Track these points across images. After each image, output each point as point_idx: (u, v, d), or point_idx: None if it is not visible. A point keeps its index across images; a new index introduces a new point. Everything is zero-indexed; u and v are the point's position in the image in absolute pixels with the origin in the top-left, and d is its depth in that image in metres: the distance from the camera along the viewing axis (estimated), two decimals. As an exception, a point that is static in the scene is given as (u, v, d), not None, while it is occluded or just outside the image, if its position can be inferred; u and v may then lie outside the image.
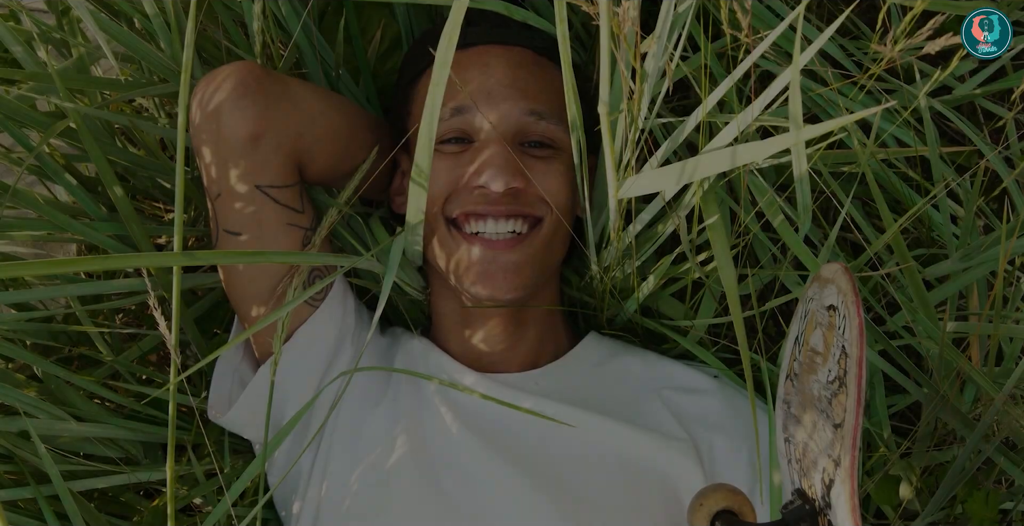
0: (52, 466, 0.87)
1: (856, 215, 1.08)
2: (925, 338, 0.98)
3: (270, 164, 0.94)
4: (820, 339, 0.74)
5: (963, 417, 0.93)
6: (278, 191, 0.95)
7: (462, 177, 0.98)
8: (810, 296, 0.79)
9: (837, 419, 0.67)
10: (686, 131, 0.82)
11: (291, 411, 0.99)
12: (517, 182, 0.95)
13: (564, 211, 1.00)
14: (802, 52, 0.68)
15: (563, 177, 0.99)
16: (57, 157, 1.01)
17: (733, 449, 1.00)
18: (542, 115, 0.98)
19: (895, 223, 0.87)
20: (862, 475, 1.01)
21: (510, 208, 0.97)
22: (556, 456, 0.97)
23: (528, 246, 0.99)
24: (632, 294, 1.05)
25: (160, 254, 0.73)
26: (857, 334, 0.65)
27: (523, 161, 0.96)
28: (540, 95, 0.99)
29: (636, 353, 1.11)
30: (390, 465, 0.96)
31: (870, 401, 1.08)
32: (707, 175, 0.75)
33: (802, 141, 0.66)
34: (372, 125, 1.07)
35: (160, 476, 1.02)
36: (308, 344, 1.00)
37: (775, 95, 0.74)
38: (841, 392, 0.67)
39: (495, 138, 0.96)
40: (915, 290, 0.93)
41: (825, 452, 0.69)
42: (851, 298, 0.67)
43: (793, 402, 0.79)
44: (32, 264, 0.66)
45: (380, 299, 0.89)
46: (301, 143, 0.96)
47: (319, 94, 1.00)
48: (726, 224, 1.04)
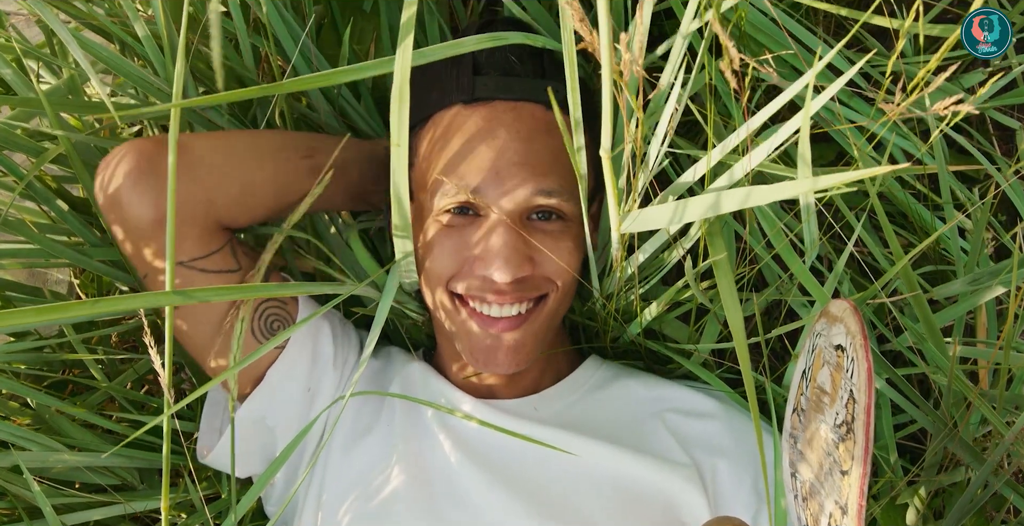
0: (45, 503, 0.85)
1: (865, 235, 1.06)
2: (933, 368, 0.96)
3: (186, 239, 0.91)
4: (828, 378, 0.72)
5: (972, 450, 0.92)
6: (204, 261, 0.92)
7: (468, 259, 0.94)
8: (818, 331, 0.77)
9: (844, 466, 0.66)
10: (691, 177, 0.80)
11: (282, 443, 0.98)
12: (524, 271, 0.92)
13: (573, 281, 0.98)
14: (814, 98, 0.66)
15: (572, 251, 0.96)
16: (48, 181, 0.99)
17: (737, 473, 0.99)
18: (552, 193, 0.93)
19: (904, 255, 0.85)
20: (868, 501, 1.00)
21: (515, 296, 0.94)
22: (557, 483, 0.95)
23: (532, 324, 0.97)
24: (635, 318, 1.03)
25: (152, 294, 0.71)
26: (866, 379, 0.63)
27: (531, 236, 0.93)
28: (551, 170, 0.93)
29: (637, 376, 1.09)
30: (387, 493, 0.95)
31: (876, 423, 1.06)
32: (709, 216, 0.73)
33: (812, 190, 0.64)
34: (321, 148, 1.00)
35: (156, 504, 1.01)
36: (282, 381, 0.98)
37: (782, 136, 0.72)
38: (848, 438, 0.65)
39: (503, 220, 0.92)
40: (924, 320, 0.91)
41: (832, 497, 0.67)
42: (859, 341, 0.65)
43: (799, 438, 0.77)
44: (21, 312, 0.64)
45: (371, 335, 0.88)
46: (215, 208, 0.92)
47: (230, 148, 0.95)
48: (731, 252, 1.02)
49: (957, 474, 0.97)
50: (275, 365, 0.97)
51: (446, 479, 0.95)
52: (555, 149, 0.94)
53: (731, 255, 1.01)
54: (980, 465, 0.89)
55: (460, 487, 0.95)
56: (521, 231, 0.92)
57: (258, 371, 0.98)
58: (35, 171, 0.90)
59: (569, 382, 1.07)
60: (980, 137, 1.16)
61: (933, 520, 1.00)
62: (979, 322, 1.09)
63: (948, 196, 1.06)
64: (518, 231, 0.92)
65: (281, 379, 0.98)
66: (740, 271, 0.98)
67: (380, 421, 1.01)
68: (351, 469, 0.98)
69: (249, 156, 0.95)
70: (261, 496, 1.05)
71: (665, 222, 0.79)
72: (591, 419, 1.03)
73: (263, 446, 0.99)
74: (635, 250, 0.93)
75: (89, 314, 0.65)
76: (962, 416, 0.91)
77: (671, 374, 1.15)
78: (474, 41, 0.83)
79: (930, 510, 1.01)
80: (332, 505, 0.96)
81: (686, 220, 0.77)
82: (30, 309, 0.64)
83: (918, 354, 1.01)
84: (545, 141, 0.94)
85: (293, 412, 0.99)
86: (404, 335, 1.12)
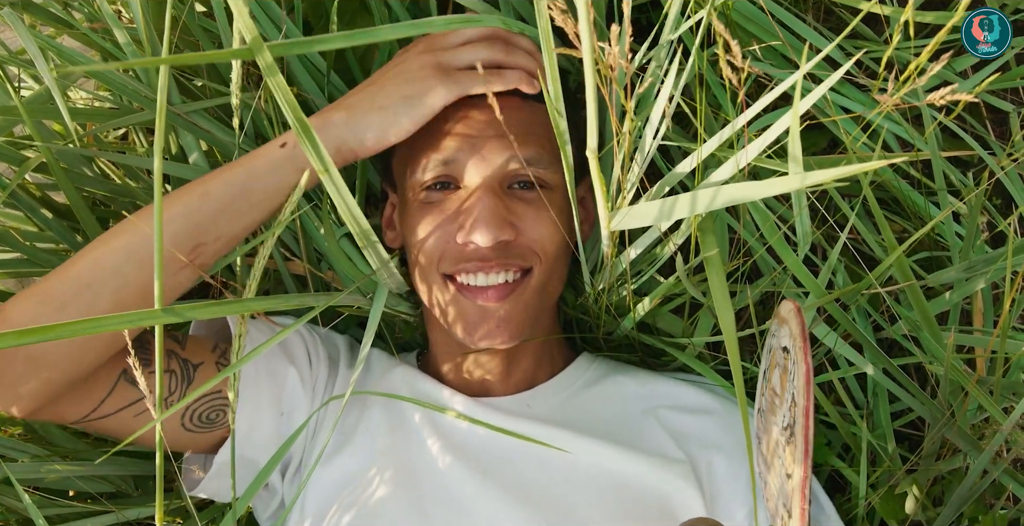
0: (38, 515, 0.84)
1: (858, 223, 1.05)
2: (929, 358, 0.96)
3: (63, 409, 0.86)
4: (778, 380, 0.71)
5: (970, 439, 0.91)
6: (101, 410, 0.87)
7: (452, 233, 0.94)
8: (772, 332, 0.76)
9: (788, 470, 0.65)
10: (680, 171, 0.79)
11: (264, 458, 0.97)
12: (505, 235, 0.92)
13: (557, 254, 0.97)
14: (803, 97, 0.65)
15: (555, 222, 0.96)
16: (32, 189, 0.98)
17: (734, 469, 0.98)
18: (530, 161, 0.94)
19: (898, 246, 0.84)
20: (866, 488, 1.00)
21: (500, 262, 0.94)
22: (551, 481, 0.94)
23: (519, 295, 0.96)
24: (629, 313, 1.03)
25: (140, 313, 0.70)
26: (804, 383, 0.63)
27: (511, 206, 0.94)
28: (527, 139, 0.94)
29: (630, 372, 1.09)
30: (375, 498, 0.94)
31: (874, 411, 1.06)
32: (699, 212, 0.72)
33: (803, 186, 0.63)
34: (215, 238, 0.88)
35: (150, 511, 1.00)
36: (250, 422, 0.96)
37: (775, 132, 0.71)
38: (792, 442, 0.64)
39: (481, 187, 0.92)
40: (919, 309, 0.90)
41: (781, 500, 0.67)
42: (799, 343, 0.64)
43: (763, 440, 0.77)
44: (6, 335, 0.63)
45: (362, 347, 0.87)
46: (77, 374, 0.84)
47: (61, 308, 0.82)
48: (723, 245, 1.01)
49: (955, 461, 0.97)
50: (238, 414, 0.93)
51: (436, 481, 0.94)
52: (532, 122, 0.95)
53: (724, 248, 1.00)
54: (978, 453, 0.89)
55: (451, 488, 0.94)
56: (502, 197, 0.93)
57: (226, 431, 0.96)
58: (18, 180, 0.89)
59: (562, 378, 1.06)
60: (973, 121, 1.15)
61: (932, 508, 1.00)
62: (975, 309, 1.08)
63: (942, 182, 1.05)
64: (499, 195, 0.92)
65: (248, 422, 0.95)
66: (734, 264, 0.98)
67: (360, 429, 1.00)
68: (332, 477, 0.96)
69: (108, 306, 0.84)
70: (253, 505, 1.04)
71: (654, 219, 0.78)
72: (585, 416, 1.02)
73: (250, 472, 0.97)
74: (627, 245, 0.92)
75: (73, 333, 0.64)
76: (960, 404, 0.90)
77: (666, 367, 1.14)
78: (444, 21, 0.81)
79: (928, 498, 1.01)
80: (317, 513, 0.95)
81: (676, 217, 0.76)
82: (10, 333, 0.63)
83: (914, 342, 1.01)
84: (519, 117, 0.94)
85: (271, 438, 0.98)
86: (394, 335, 1.11)
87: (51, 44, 0.86)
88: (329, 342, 1.08)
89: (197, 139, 1.01)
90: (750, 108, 0.72)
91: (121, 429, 0.89)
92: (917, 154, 1.05)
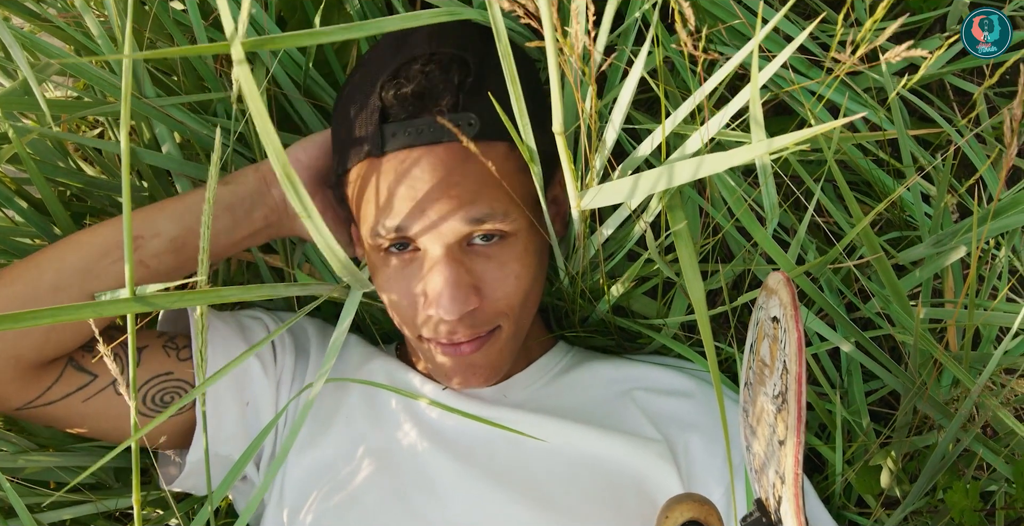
0: (17, 500, 0.85)
1: (827, 201, 1.07)
2: (900, 329, 0.97)
3: (9, 393, 0.88)
4: (768, 351, 0.73)
5: (941, 407, 0.93)
6: (46, 397, 0.89)
7: (418, 301, 0.92)
8: (760, 304, 0.77)
9: (780, 436, 0.66)
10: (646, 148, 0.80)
11: (234, 451, 0.98)
12: (470, 304, 0.89)
13: (525, 301, 0.95)
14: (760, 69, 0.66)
15: (520, 273, 0.92)
16: (7, 182, 0.99)
17: (710, 448, 0.99)
18: (483, 219, 0.88)
19: (864, 217, 0.86)
20: (842, 465, 1.01)
21: (467, 332, 0.92)
22: (530, 467, 0.95)
23: (493, 344, 0.95)
24: (603, 296, 1.04)
25: (112, 302, 0.70)
26: (796, 350, 0.64)
27: (472, 268, 0.90)
28: (477, 197, 0.88)
29: (606, 359, 1.10)
30: (354, 485, 0.94)
31: (848, 389, 1.07)
32: (668, 187, 0.73)
33: (767, 152, 0.65)
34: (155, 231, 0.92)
35: (129, 502, 1.01)
36: (214, 418, 0.97)
37: (737, 105, 0.72)
38: (784, 408, 0.66)
39: (439, 257, 0.89)
40: (888, 281, 0.92)
41: (772, 467, 0.68)
42: (790, 312, 0.65)
43: (750, 412, 0.78)
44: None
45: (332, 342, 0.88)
46: (25, 359, 0.87)
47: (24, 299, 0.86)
48: (694, 226, 1.02)
49: (930, 438, 0.98)
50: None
51: (415, 468, 0.95)
52: (479, 174, 0.88)
53: (695, 228, 1.02)
54: (949, 421, 0.90)
55: (429, 475, 0.94)
56: (462, 260, 0.89)
57: (188, 420, 0.97)
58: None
59: (538, 366, 1.07)
60: (941, 103, 1.16)
61: (908, 483, 1.01)
62: (946, 286, 1.09)
63: (909, 160, 1.07)
64: (458, 263, 0.89)
65: (212, 415, 0.96)
66: (704, 242, 0.99)
67: (338, 416, 1.00)
68: (310, 465, 0.97)
69: (48, 298, 0.87)
70: (232, 497, 1.05)
71: (624, 196, 0.79)
72: (561, 402, 1.03)
73: (224, 466, 0.98)
74: (598, 227, 0.93)
75: (52, 321, 0.65)
76: (929, 374, 0.92)
77: (642, 350, 1.15)
78: (399, 20, 0.81)
79: (906, 474, 1.02)
80: (295, 502, 0.96)
81: (645, 192, 0.77)
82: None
83: (887, 320, 1.02)
84: (465, 170, 0.88)
85: (238, 430, 0.98)
86: (371, 325, 1.12)
87: (26, 36, 0.86)
88: (297, 328, 1.09)
89: (171, 130, 1.02)
90: (709, 79, 0.73)
91: (68, 416, 0.91)
92: (884, 135, 1.07)
